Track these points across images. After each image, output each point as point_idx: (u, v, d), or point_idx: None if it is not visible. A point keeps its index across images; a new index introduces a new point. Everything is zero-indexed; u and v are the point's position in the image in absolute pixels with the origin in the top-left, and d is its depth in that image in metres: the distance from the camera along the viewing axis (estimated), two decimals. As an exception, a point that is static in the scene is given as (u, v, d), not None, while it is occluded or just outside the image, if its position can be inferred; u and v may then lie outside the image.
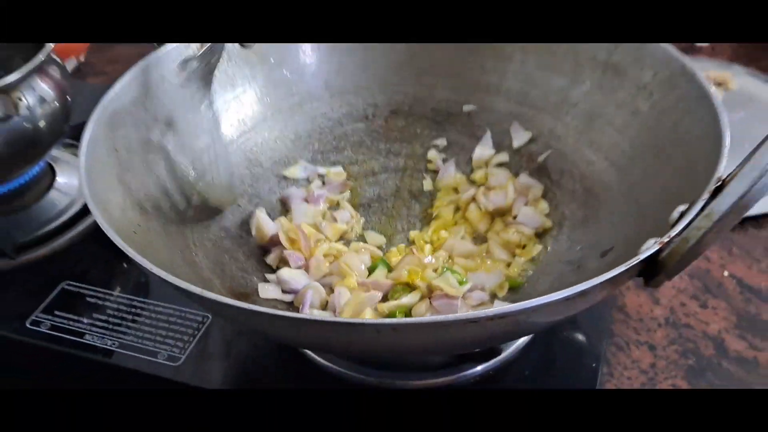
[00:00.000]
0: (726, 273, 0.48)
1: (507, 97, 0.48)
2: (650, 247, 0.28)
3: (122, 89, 0.40)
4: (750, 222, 0.51)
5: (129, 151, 0.39)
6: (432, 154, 0.49)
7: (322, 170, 0.48)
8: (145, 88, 0.41)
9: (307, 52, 0.48)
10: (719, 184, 0.29)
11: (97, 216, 0.32)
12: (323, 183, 0.48)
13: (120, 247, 0.31)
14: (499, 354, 0.39)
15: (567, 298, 0.27)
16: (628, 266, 0.28)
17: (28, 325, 0.44)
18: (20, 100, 0.45)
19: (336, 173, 0.47)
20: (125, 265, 0.48)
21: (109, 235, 0.31)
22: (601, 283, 0.27)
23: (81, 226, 0.50)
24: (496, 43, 0.47)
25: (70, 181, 0.54)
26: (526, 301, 0.26)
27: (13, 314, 0.45)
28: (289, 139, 0.48)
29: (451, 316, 0.26)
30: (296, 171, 0.47)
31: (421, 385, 0.38)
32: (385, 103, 0.50)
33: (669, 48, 0.40)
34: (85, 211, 0.51)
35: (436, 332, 0.27)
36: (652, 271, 0.29)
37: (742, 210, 0.28)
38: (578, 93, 0.44)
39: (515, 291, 0.41)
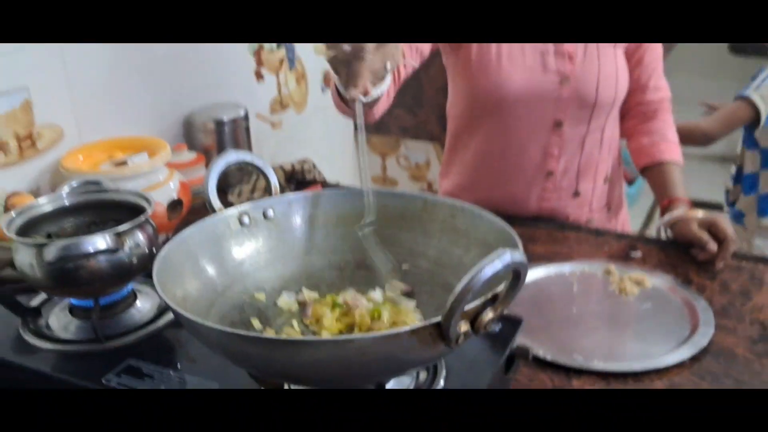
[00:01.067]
0: None
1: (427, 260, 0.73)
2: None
3: (189, 234, 0.69)
4: None
5: (183, 264, 0.66)
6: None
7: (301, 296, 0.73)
8: (203, 235, 0.69)
9: (300, 226, 0.76)
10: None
11: (159, 290, 0.58)
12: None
13: (168, 304, 0.56)
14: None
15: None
16: (408, 329, 0.50)
17: (102, 381, 0.68)
18: (126, 241, 0.74)
19: (309, 295, 0.73)
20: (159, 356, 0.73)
21: (166, 301, 0.57)
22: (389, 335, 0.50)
23: (142, 333, 0.76)
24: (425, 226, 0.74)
25: (144, 304, 0.81)
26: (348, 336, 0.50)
27: (95, 375, 0.70)
28: (283, 277, 0.74)
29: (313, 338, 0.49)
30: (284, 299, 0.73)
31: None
32: (353, 260, 0.76)
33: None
34: (146, 325, 0.77)
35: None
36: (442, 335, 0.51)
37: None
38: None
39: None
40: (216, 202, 0.71)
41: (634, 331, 0.89)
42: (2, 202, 1.06)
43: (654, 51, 1.14)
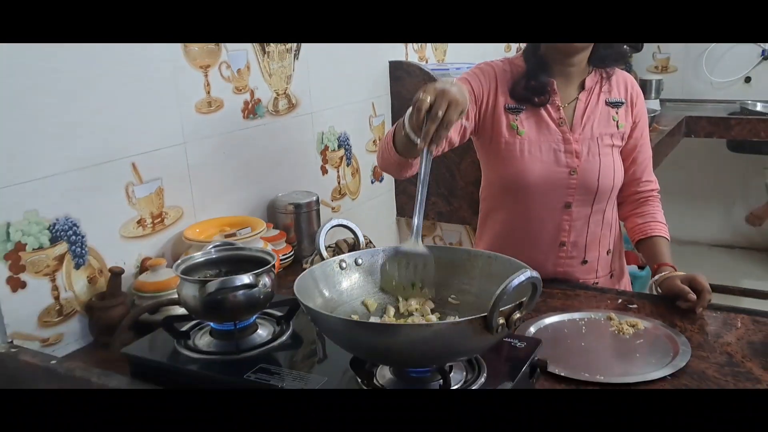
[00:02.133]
0: None
1: (471, 294, 1.02)
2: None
3: (311, 270, 0.99)
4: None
5: (310, 288, 0.96)
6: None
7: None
8: (319, 272, 0.99)
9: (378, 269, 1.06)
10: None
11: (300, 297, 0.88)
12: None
13: (307, 305, 0.86)
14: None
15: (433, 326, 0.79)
16: (466, 319, 0.79)
17: (244, 377, 0.97)
18: (259, 281, 1.04)
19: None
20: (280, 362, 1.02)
21: (305, 305, 0.87)
22: (454, 323, 0.79)
23: (264, 349, 1.06)
24: (468, 271, 1.03)
25: (262, 332, 1.11)
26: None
27: (237, 374, 0.98)
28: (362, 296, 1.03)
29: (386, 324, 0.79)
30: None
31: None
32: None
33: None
34: (265, 344, 1.07)
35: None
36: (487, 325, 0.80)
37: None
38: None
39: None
40: (324, 252, 1.03)
41: (628, 358, 1.16)
42: (138, 263, 1.39)
43: (645, 152, 1.46)
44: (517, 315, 0.82)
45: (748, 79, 3.55)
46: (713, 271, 3.58)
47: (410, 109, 1.03)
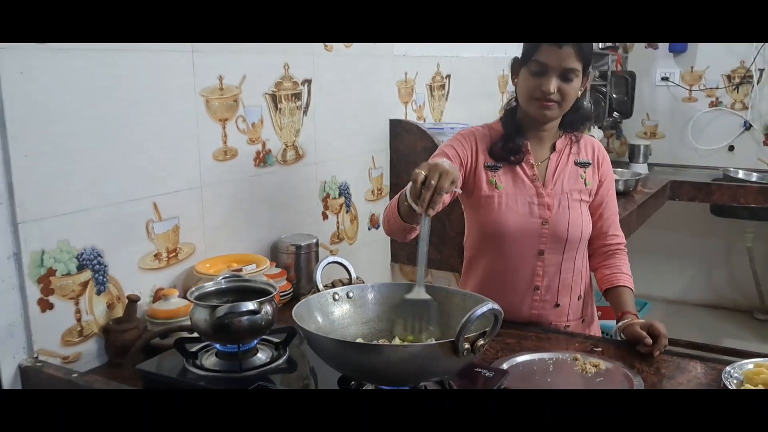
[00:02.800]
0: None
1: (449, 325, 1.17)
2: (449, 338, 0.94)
3: (307, 300, 1.14)
4: None
5: (306, 314, 1.10)
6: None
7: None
8: (314, 302, 1.14)
9: (370, 301, 1.21)
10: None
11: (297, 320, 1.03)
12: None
13: (303, 327, 1.01)
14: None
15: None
16: (437, 342, 0.94)
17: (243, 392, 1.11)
18: (262, 308, 1.19)
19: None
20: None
21: (301, 327, 1.02)
22: (427, 345, 0.93)
23: (263, 369, 1.20)
24: (446, 307, 1.18)
25: (261, 355, 1.25)
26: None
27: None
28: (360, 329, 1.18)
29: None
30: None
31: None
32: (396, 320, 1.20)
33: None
34: (264, 366, 1.21)
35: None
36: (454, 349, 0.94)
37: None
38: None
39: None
40: (320, 285, 1.18)
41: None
42: (152, 292, 1.54)
43: (610, 208, 1.62)
44: (480, 342, 0.97)
45: (731, 148, 3.75)
46: (697, 330, 3.71)
47: (410, 183, 1.23)
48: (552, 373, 1.35)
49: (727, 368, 1.31)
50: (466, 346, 0.95)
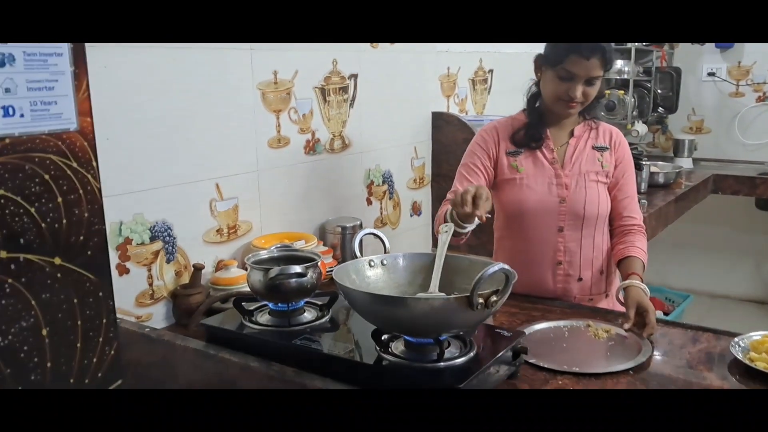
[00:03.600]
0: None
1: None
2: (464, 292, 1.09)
3: (347, 263, 1.30)
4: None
5: (345, 275, 1.27)
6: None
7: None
8: (352, 266, 1.31)
9: (400, 269, 1.37)
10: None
11: (338, 279, 1.20)
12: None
13: (342, 284, 1.17)
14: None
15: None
16: (454, 296, 1.09)
17: (293, 343, 1.28)
18: (308, 272, 1.36)
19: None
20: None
21: (340, 284, 1.18)
22: (445, 298, 1.09)
23: (309, 325, 1.37)
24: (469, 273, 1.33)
25: (307, 315, 1.42)
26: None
27: (288, 340, 1.30)
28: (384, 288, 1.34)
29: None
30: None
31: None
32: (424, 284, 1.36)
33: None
34: (309, 323, 1.38)
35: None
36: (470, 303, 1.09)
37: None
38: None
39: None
40: (358, 252, 1.34)
41: (600, 354, 1.42)
42: (215, 263, 1.73)
43: (625, 191, 1.73)
44: (494, 298, 1.11)
45: (779, 141, 3.75)
46: (743, 325, 3.70)
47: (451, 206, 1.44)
48: (567, 339, 1.48)
49: (735, 338, 1.42)
50: (480, 300, 1.10)
